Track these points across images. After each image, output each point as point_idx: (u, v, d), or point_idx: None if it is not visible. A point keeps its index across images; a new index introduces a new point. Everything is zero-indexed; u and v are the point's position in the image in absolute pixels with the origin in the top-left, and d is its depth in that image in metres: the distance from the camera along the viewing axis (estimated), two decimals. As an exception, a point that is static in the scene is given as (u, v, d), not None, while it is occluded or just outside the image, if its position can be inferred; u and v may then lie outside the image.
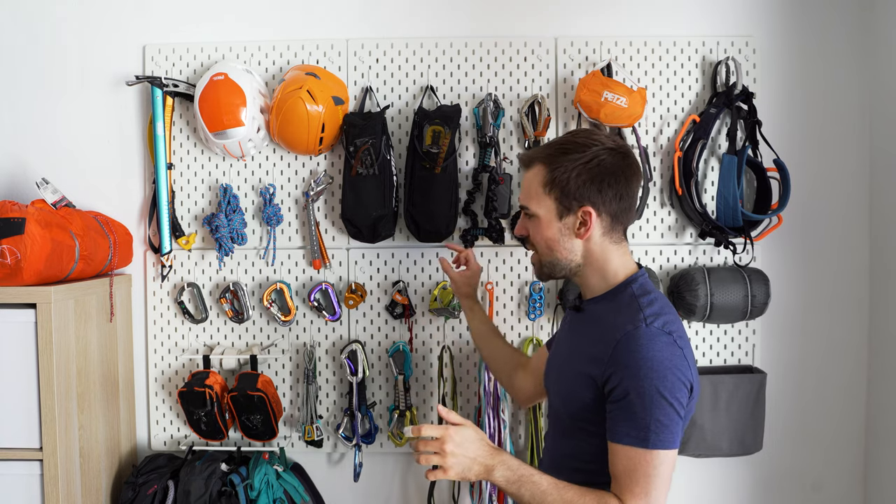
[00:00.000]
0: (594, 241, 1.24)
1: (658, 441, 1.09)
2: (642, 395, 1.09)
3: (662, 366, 1.10)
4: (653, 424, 1.08)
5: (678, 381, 1.10)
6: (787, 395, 1.99)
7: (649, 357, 1.10)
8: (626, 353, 1.12)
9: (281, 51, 1.98)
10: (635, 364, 1.10)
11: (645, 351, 1.10)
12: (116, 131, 2.01)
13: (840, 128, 1.98)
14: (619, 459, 1.11)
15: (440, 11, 1.98)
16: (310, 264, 1.98)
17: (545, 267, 1.29)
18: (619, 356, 1.12)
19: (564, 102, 1.96)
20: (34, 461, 1.62)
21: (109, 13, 2.00)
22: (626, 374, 1.10)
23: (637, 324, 1.14)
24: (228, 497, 1.80)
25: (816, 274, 1.99)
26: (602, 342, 1.17)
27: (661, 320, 1.15)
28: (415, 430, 1.12)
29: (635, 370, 1.10)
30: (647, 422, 1.08)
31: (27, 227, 1.57)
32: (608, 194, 1.22)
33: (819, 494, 2.01)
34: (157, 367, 2.01)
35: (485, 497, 1.91)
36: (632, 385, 1.10)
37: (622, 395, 1.11)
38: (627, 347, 1.12)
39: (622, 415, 1.11)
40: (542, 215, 1.26)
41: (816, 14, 1.97)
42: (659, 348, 1.11)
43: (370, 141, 1.83)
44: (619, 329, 1.15)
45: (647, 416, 1.08)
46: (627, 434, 1.10)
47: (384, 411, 1.98)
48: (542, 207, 1.25)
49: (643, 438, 1.09)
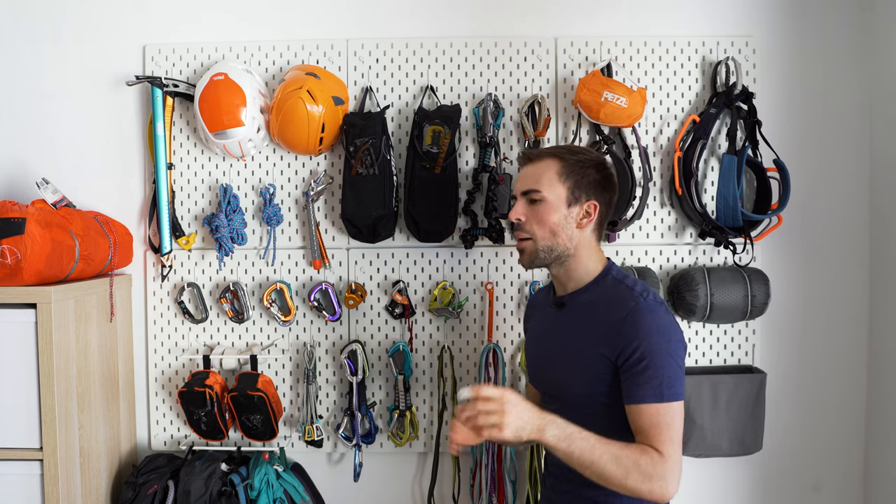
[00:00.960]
0: (586, 234, 1.37)
1: (672, 394, 1.23)
2: (655, 357, 1.23)
3: (667, 331, 1.26)
4: (666, 381, 1.23)
5: (679, 342, 1.28)
6: (787, 395, 1.99)
7: (655, 325, 1.25)
8: (636, 325, 1.25)
9: (281, 51, 1.98)
10: (646, 332, 1.24)
11: (651, 320, 1.25)
12: (116, 131, 2.01)
13: (840, 128, 1.98)
14: (643, 417, 1.23)
15: (440, 11, 1.98)
16: (310, 264, 1.98)
17: (541, 252, 1.37)
18: (630, 329, 1.25)
19: (564, 102, 1.96)
20: (34, 461, 1.62)
21: (109, 13, 2.00)
22: (639, 342, 1.24)
23: (637, 299, 1.28)
24: (228, 497, 1.80)
25: (816, 274, 1.99)
26: (608, 322, 1.29)
27: (651, 294, 1.31)
28: (474, 390, 1.18)
29: (646, 337, 1.24)
30: (661, 380, 1.23)
31: (27, 227, 1.57)
32: (606, 197, 1.39)
33: (819, 494, 2.01)
34: (157, 367, 2.01)
35: (484, 497, 1.91)
36: (647, 350, 1.23)
37: (638, 360, 1.24)
38: (636, 320, 1.25)
39: (640, 378, 1.24)
40: (551, 200, 1.35)
41: (816, 14, 1.97)
42: (661, 316, 1.27)
43: (370, 141, 1.83)
44: (623, 307, 1.28)
45: (661, 375, 1.23)
46: (647, 394, 1.23)
47: (384, 411, 1.98)
48: (553, 193, 1.35)
49: (660, 395, 1.22)
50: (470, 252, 1.96)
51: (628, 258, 1.96)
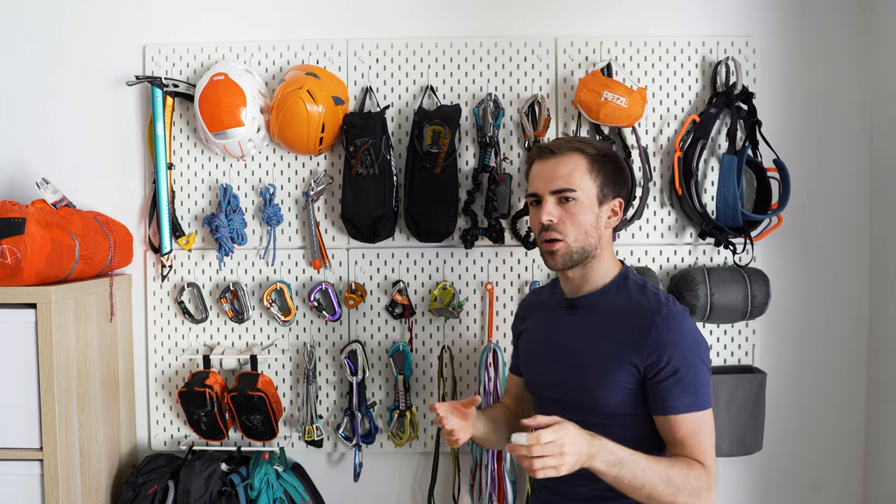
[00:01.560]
0: (608, 233, 1.33)
1: (707, 401, 1.22)
2: (690, 365, 1.21)
3: (697, 337, 1.25)
4: (701, 388, 1.21)
5: (706, 347, 1.26)
6: (787, 395, 1.99)
7: (686, 332, 1.23)
8: (670, 333, 1.22)
9: (281, 51, 1.98)
10: (681, 341, 1.22)
11: (683, 328, 1.23)
12: (116, 131, 2.01)
13: (840, 128, 1.98)
14: (681, 428, 1.20)
15: (440, 11, 1.98)
16: (310, 264, 1.98)
17: (575, 254, 1.29)
18: (662, 338, 1.22)
19: (564, 102, 1.96)
20: (34, 461, 1.62)
21: (109, 13, 2.00)
22: (674, 351, 1.21)
23: (667, 307, 1.25)
24: (228, 497, 1.80)
25: (816, 274, 1.99)
26: (635, 328, 1.24)
27: (674, 300, 1.28)
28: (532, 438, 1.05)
29: (681, 346, 1.21)
30: (696, 388, 1.21)
31: (27, 227, 1.57)
32: (626, 192, 1.38)
33: (819, 494, 2.01)
34: (157, 367, 2.01)
35: (485, 497, 1.91)
36: (682, 360, 1.20)
37: (673, 370, 1.20)
38: (669, 328, 1.22)
39: (676, 389, 1.20)
40: (585, 200, 1.29)
41: (816, 14, 1.97)
42: (690, 324, 1.25)
43: (370, 141, 1.83)
44: (653, 313, 1.24)
45: (696, 382, 1.21)
46: (685, 404, 1.20)
47: (384, 411, 1.98)
48: (586, 192, 1.29)
49: (698, 403, 1.20)
50: (470, 252, 1.96)
51: (628, 258, 1.96)
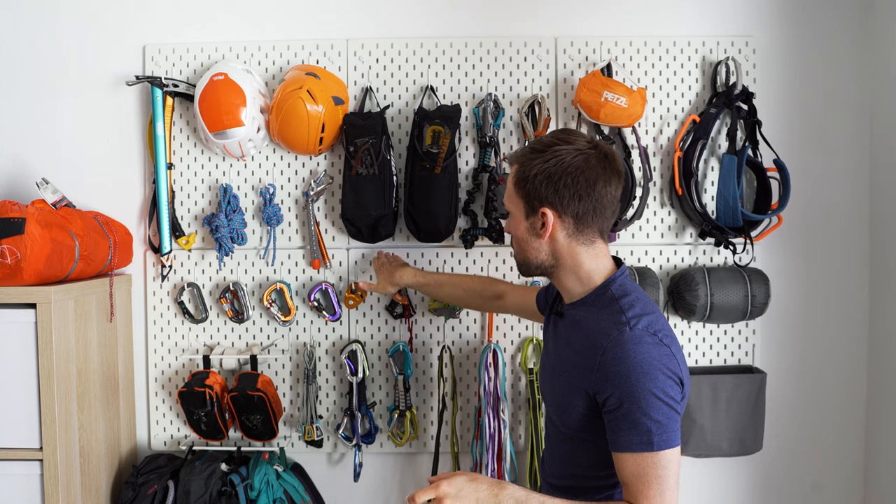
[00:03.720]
0: (560, 242, 1.23)
1: (661, 442, 1.08)
2: (637, 400, 1.08)
3: (651, 367, 1.09)
4: (653, 426, 1.08)
5: (668, 379, 1.10)
6: (787, 395, 1.99)
7: (637, 361, 1.09)
8: (615, 360, 1.11)
9: (281, 51, 1.98)
10: (625, 370, 1.09)
11: (633, 356, 1.10)
12: (116, 131, 2.01)
13: (840, 128, 1.98)
14: (627, 467, 1.11)
15: (440, 11, 1.98)
16: (310, 264, 1.98)
17: (520, 264, 1.31)
18: (607, 365, 1.12)
19: (564, 102, 1.96)
20: (34, 461, 1.62)
21: (109, 13, 2.00)
22: (617, 381, 1.10)
23: (621, 328, 1.13)
24: (228, 497, 1.80)
25: (816, 274, 1.99)
26: (589, 350, 1.16)
27: (645, 321, 1.15)
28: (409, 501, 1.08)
29: (626, 377, 1.09)
30: (647, 426, 1.08)
31: (27, 227, 1.57)
32: (565, 195, 1.20)
33: (819, 494, 2.01)
34: (157, 367, 2.01)
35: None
36: (626, 392, 1.09)
37: (617, 403, 1.10)
38: (615, 354, 1.11)
39: (622, 423, 1.10)
40: (514, 213, 1.28)
41: (816, 14, 1.97)
42: (645, 350, 1.10)
43: (370, 141, 1.83)
44: (604, 335, 1.14)
45: (645, 419, 1.08)
46: (631, 442, 1.09)
47: (384, 411, 1.98)
48: (515, 206, 1.27)
49: (647, 442, 1.08)
50: (470, 252, 1.96)
51: (628, 258, 1.96)
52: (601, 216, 1.22)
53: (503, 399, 1.91)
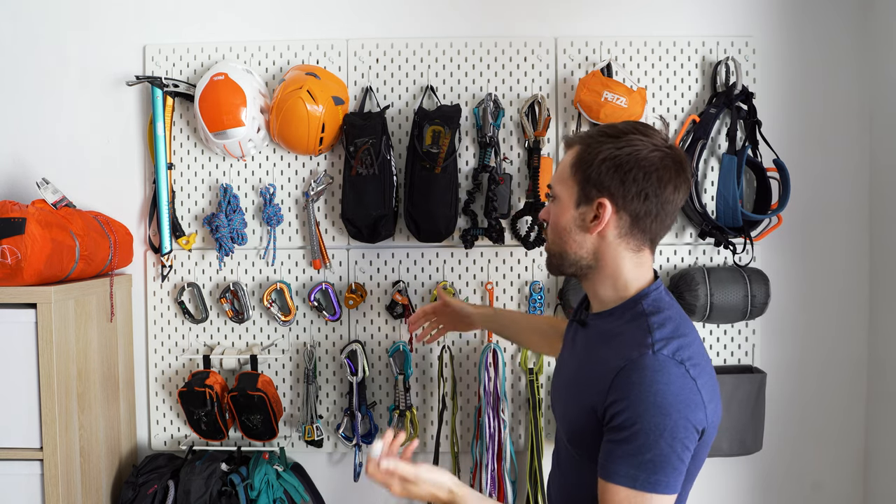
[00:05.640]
0: (608, 241, 1.10)
1: (651, 483, 0.97)
2: (641, 432, 0.97)
3: (670, 405, 0.96)
4: (647, 465, 0.96)
5: (685, 422, 0.97)
6: (787, 395, 1.99)
7: (655, 391, 0.97)
8: (628, 384, 0.99)
9: (281, 51, 1.98)
10: (637, 398, 0.97)
11: (651, 384, 0.97)
12: (117, 131, 2.01)
13: (840, 128, 1.98)
14: (606, 499, 1.00)
15: (440, 11, 1.98)
16: (310, 264, 1.98)
17: (553, 258, 1.16)
18: (619, 386, 1.00)
19: (564, 102, 1.96)
20: (34, 461, 1.62)
21: (109, 13, 2.00)
22: (625, 406, 0.98)
23: (643, 350, 1.00)
24: (228, 497, 1.80)
25: (816, 274, 1.99)
26: (604, 367, 1.04)
27: (673, 345, 1.01)
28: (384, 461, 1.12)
29: (636, 404, 0.97)
30: (642, 461, 0.97)
31: (27, 227, 1.57)
32: (631, 189, 1.06)
33: (819, 494, 2.01)
34: (158, 367, 2.01)
35: (485, 497, 1.90)
36: (630, 420, 0.97)
37: (620, 428, 0.99)
38: (629, 378, 0.99)
39: (616, 450, 0.99)
40: (563, 199, 1.13)
41: (816, 14, 1.97)
42: (666, 381, 0.97)
43: (370, 141, 1.83)
44: (623, 356, 1.02)
45: (643, 455, 0.97)
46: (619, 473, 0.98)
47: (384, 411, 1.98)
48: (566, 190, 1.12)
49: (636, 479, 0.97)
50: (470, 252, 1.97)
51: (628, 258, 1.96)
52: (660, 223, 1.09)
53: (503, 399, 1.91)
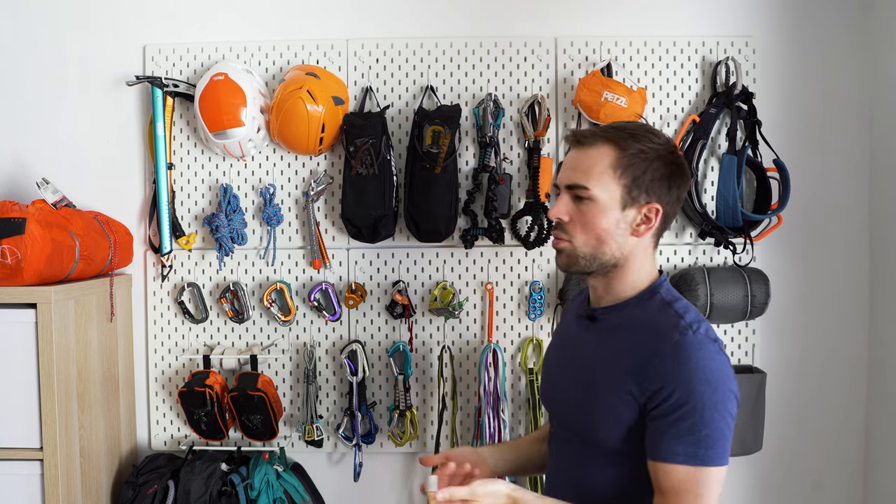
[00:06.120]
0: (644, 242, 1.12)
1: (712, 457, 1.00)
2: (695, 409, 1.00)
3: (717, 379, 1.01)
4: (706, 440, 1.00)
5: (730, 393, 1.03)
6: (787, 395, 1.99)
7: (702, 367, 1.01)
8: (677, 364, 1.02)
9: (281, 51, 1.98)
10: (688, 375, 1.01)
11: (697, 361, 1.02)
12: (116, 131, 2.01)
13: (840, 128, 1.98)
14: (668, 479, 1.02)
15: (440, 11, 1.98)
16: (310, 264, 1.98)
17: (582, 259, 1.12)
18: (668, 367, 1.02)
19: (564, 102, 1.96)
20: (34, 461, 1.62)
21: (109, 13, 2.00)
22: (678, 385, 1.01)
23: (683, 332, 1.04)
24: (228, 497, 1.80)
25: (816, 274, 1.99)
26: (642, 354, 1.06)
27: (704, 327, 1.06)
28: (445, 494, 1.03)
29: (688, 382, 1.01)
30: (699, 438, 1.00)
31: (27, 227, 1.57)
32: (674, 195, 1.11)
33: (819, 494, 2.01)
34: (158, 367, 2.01)
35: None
36: (684, 398, 1.01)
37: (672, 409, 1.01)
38: (678, 358, 1.02)
39: (672, 431, 1.01)
40: (603, 201, 1.09)
41: (816, 14, 1.97)
42: (710, 357, 1.02)
43: (370, 141, 1.83)
44: (665, 338, 1.05)
45: (700, 431, 1.00)
46: (677, 452, 1.01)
47: (384, 411, 1.98)
48: (607, 192, 1.09)
49: (696, 455, 1.00)
50: (470, 252, 1.96)
51: (628, 258, 1.96)
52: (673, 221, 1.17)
53: (503, 399, 1.91)
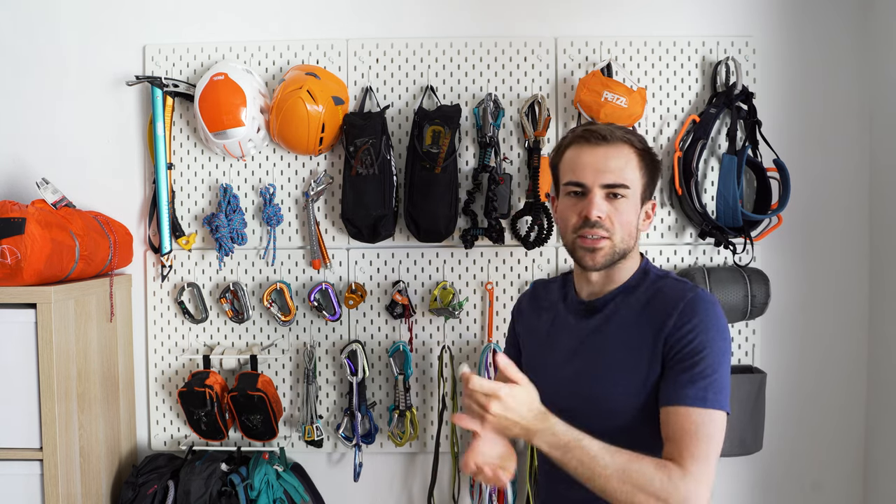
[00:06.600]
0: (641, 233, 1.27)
1: (718, 402, 1.08)
2: (709, 355, 1.09)
3: (723, 328, 1.13)
4: (713, 385, 1.08)
5: (730, 346, 1.15)
6: (786, 394, 1.99)
7: (715, 319, 1.12)
8: (697, 314, 1.12)
9: (281, 51, 1.98)
10: (706, 325, 1.11)
11: (711, 312, 1.12)
12: (116, 131, 2.01)
13: (840, 128, 1.98)
14: (675, 421, 1.08)
15: (440, 11, 1.98)
16: (310, 264, 1.98)
17: (618, 254, 1.20)
18: (689, 315, 1.12)
19: (564, 102, 1.96)
20: (34, 461, 1.62)
21: (109, 13, 2.00)
22: (699, 332, 1.11)
23: (694, 290, 1.16)
24: (228, 497, 1.80)
25: (816, 274, 1.99)
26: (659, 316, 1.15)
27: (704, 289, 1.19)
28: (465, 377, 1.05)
29: (706, 330, 1.11)
30: (709, 382, 1.08)
31: (27, 227, 1.57)
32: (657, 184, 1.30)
33: (819, 494, 2.01)
34: (157, 367, 2.01)
35: (485, 497, 1.91)
36: (702, 344, 1.10)
37: (691, 354, 1.10)
38: (696, 309, 1.12)
39: (684, 376, 1.09)
40: (635, 198, 1.21)
41: (816, 14, 1.97)
42: (719, 313, 1.14)
43: (370, 141, 1.83)
44: (679, 298, 1.15)
45: (710, 376, 1.08)
46: (687, 395, 1.08)
47: (384, 411, 1.98)
48: (638, 190, 1.22)
49: (706, 399, 1.07)
50: (470, 252, 1.96)
51: (628, 258, 1.96)
52: None
53: (503, 399, 1.91)
